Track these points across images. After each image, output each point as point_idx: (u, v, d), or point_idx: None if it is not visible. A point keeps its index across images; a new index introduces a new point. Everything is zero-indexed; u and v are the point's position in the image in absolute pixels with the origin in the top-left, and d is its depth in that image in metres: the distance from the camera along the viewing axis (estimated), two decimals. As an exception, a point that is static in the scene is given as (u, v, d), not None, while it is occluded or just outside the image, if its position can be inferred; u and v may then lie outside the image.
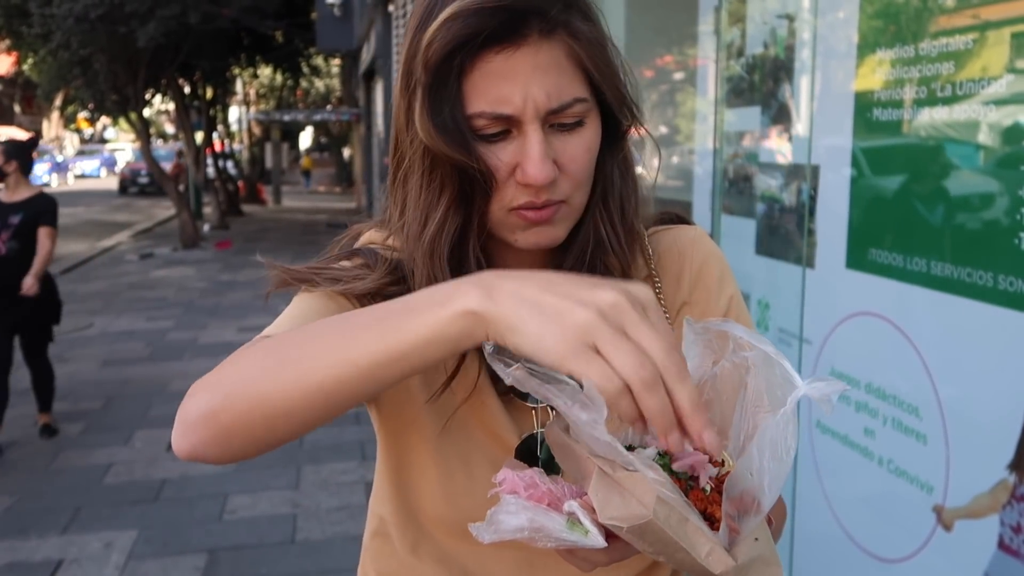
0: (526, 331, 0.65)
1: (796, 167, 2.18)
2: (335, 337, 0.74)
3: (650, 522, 0.64)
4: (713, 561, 0.65)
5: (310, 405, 0.73)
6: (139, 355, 7.57)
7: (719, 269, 1.04)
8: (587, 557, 0.72)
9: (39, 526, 4.21)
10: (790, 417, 0.64)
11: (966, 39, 1.57)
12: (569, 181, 0.87)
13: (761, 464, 0.65)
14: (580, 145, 0.87)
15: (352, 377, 0.72)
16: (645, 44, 3.67)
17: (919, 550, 1.71)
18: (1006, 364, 1.47)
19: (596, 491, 0.67)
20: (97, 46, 13.78)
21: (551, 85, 0.83)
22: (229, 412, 0.76)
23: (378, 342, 0.71)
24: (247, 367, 0.78)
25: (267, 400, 0.74)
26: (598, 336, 0.63)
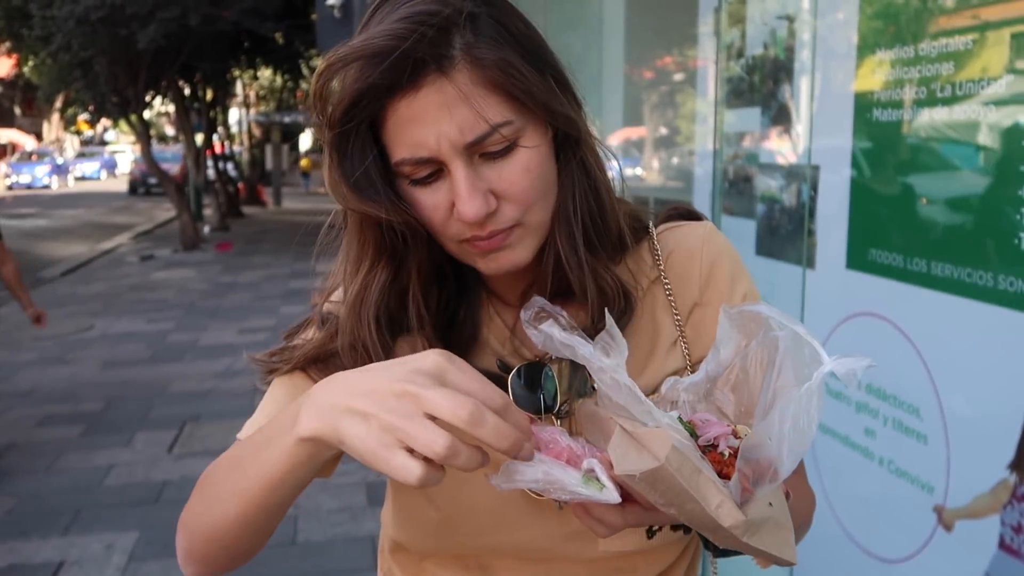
0: (349, 443, 0.70)
1: (796, 168, 2.18)
2: (232, 472, 0.83)
3: (662, 468, 0.64)
4: (723, 513, 0.65)
5: (244, 530, 0.83)
6: (140, 357, 7.58)
7: (731, 267, 1.01)
8: (603, 517, 0.73)
9: (40, 528, 4.21)
10: (815, 391, 0.64)
11: (966, 40, 1.57)
12: (513, 205, 0.84)
13: (781, 431, 0.65)
14: (516, 169, 0.83)
15: (255, 506, 0.80)
16: (645, 45, 3.67)
17: (920, 550, 1.71)
18: (1007, 364, 1.47)
19: (615, 447, 0.69)
20: (98, 48, 13.80)
21: (462, 119, 0.79)
22: (198, 549, 0.87)
23: (257, 477, 0.78)
24: (194, 506, 0.88)
25: (214, 533, 0.85)
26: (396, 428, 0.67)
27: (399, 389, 0.67)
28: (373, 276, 0.89)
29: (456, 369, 0.69)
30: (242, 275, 12.35)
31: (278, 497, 0.79)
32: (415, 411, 0.67)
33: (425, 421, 0.66)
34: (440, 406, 0.66)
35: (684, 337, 0.98)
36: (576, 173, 0.91)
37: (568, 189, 0.90)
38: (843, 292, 1.95)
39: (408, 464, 0.66)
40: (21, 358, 7.61)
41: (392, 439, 0.67)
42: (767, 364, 0.72)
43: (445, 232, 0.86)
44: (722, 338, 0.77)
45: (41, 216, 21.82)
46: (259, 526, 0.83)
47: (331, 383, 0.73)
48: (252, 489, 0.79)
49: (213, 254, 14.77)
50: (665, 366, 0.97)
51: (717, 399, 0.78)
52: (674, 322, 0.99)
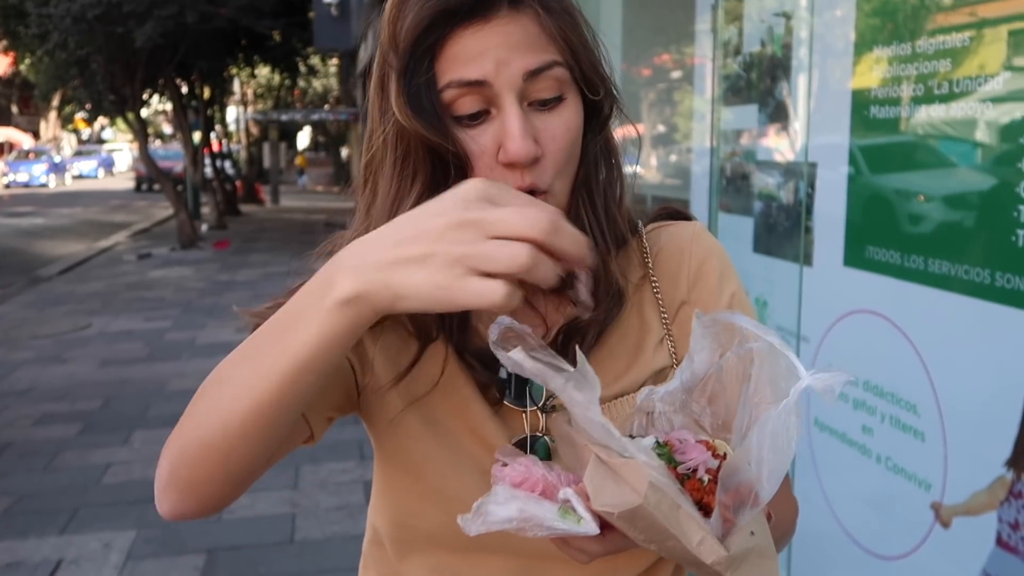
0: (407, 294, 0.65)
1: (794, 165, 2.18)
2: (245, 367, 0.74)
3: (641, 507, 0.63)
4: (704, 550, 0.64)
5: (247, 434, 0.74)
6: (137, 355, 7.57)
7: (719, 267, 1.01)
8: (582, 547, 0.72)
9: (38, 526, 4.20)
10: (792, 408, 0.63)
11: (963, 36, 1.57)
12: (551, 164, 0.85)
13: (760, 455, 0.63)
14: (560, 124, 0.85)
15: (272, 399, 0.72)
16: (642, 43, 3.67)
17: (917, 547, 1.72)
18: (1003, 361, 1.48)
19: (591, 478, 0.67)
20: (94, 46, 13.77)
21: (524, 52, 0.82)
22: (186, 465, 0.77)
23: (280, 359, 0.70)
24: (189, 416, 0.78)
25: (211, 443, 0.75)
26: (466, 256, 0.63)
27: (456, 220, 0.64)
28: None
29: (499, 189, 0.67)
30: (240, 273, 12.34)
31: (302, 385, 0.72)
32: (479, 236, 0.64)
33: (495, 241, 0.63)
34: (515, 222, 0.64)
35: (671, 335, 0.98)
36: (602, 148, 0.93)
37: (594, 162, 0.92)
38: (840, 289, 1.95)
39: (489, 285, 0.63)
40: (18, 356, 7.60)
41: (461, 269, 0.63)
42: (743, 376, 0.71)
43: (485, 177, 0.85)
44: (695, 347, 0.76)
45: (38, 214, 21.80)
46: (271, 427, 0.74)
47: (363, 242, 0.69)
48: (271, 375, 0.71)
49: (211, 252, 14.76)
50: (652, 364, 0.97)
51: (694, 411, 0.76)
52: (661, 320, 0.98)
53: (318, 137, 41.77)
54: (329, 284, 0.68)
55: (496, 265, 0.63)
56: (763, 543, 0.68)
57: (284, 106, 29.55)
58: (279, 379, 0.71)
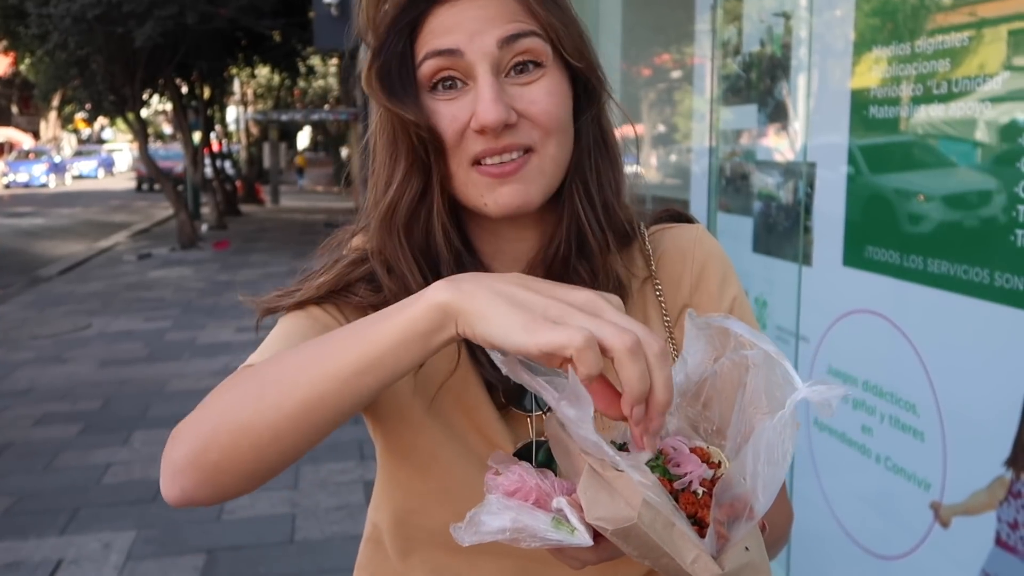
0: (494, 319, 0.66)
1: (793, 165, 2.18)
2: (312, 354, 0.73)
3: (635, 525, 0.63)
4: (699, 568, 0.64)
5: (295, 426, 0.72)
6: (137, 355, 7.57)
7: (721, 271, 1.00)
8: (576, 555, 0.72)
9: (38, 526, 4.20)
10: (788, 421, 0.62)
11: (962, 36, 1.57)
12: (533, 126, 0.86)
13: (755, 468, 0.63)
14: (541, 89, 0.85)
15: (332, 391, 0.71)
16: (642, 42, 3.67)
17: (916, 547, 1.72)
18: (1003, 361, 1.48)
19: (585, 489, 0.67)
20: (94, 46, 13.77)
21: (500, 22, 0.83)
22: (216, 448, 0.73)
23: (353, 350, 0.71)
24: (228, 399, 0.76)
25: (252, 428, 0.72)
26: (568, 318, 0.64)
27: (585, 296, 0.66)
28: (405, 187, 0.89)
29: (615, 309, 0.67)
30: (240, 273, 12.34)
31: (366, 381, 0.71)
32: (597, 312, 0.65)
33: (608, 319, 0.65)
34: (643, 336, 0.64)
35: (673, 338, 0.98)
36: (594, 130, 0.93)
37: (586, 145, 0.92)
38: (840, 289, 1.96)
39: (573, 335, 0.63)
40: (18, 357, 7.60)
41: (559, 318, 0.65)
42: (738, 383, 0.71)
43: (458, 148, 0.86)
44: (689, 348, 0.75)
45: (38, 215, 21.80)
46: (323, 422, 0.73)
47: (487, 276, 0.71)
48: (341, 367, 0.71)
49: (211, 252, 14.75)
50: None
51: (689, 415, 0.76)
52: (663, 323, 0.98)
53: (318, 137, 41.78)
54: (426, 291, 0.70)
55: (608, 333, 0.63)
56: (757, 558, 0.67)
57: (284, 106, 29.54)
58: (349, 368, 0.71)
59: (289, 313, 0.94)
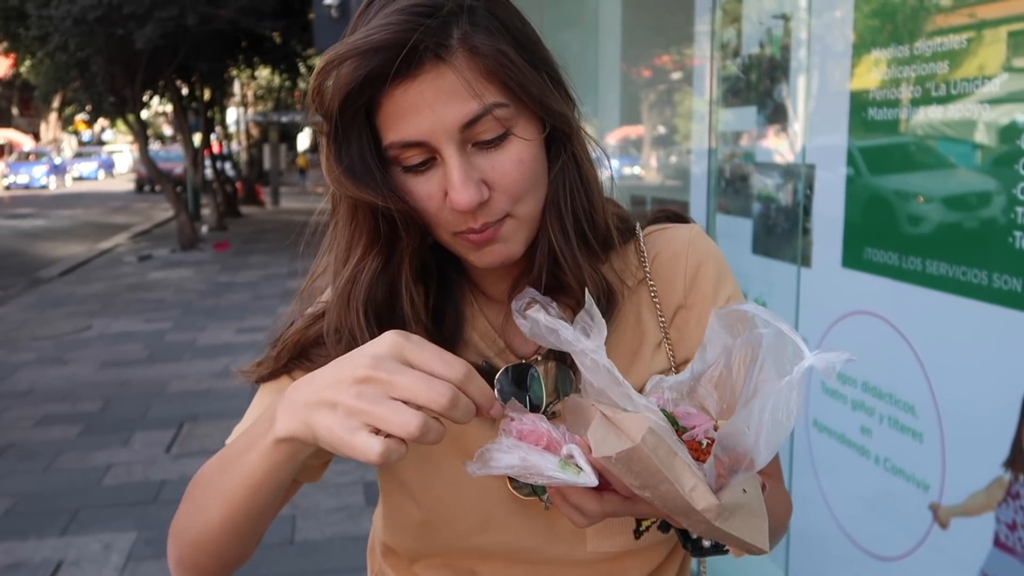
0: (319, 435, 0.71)
1: (792, 166, 2.18)
2: (216, 480, 0.84)
3: (638, 448, 0.65)
4: (697, 496, 0.66)
5: (229, 535, 0.84)
6: (138, 357, 7.57)
7: (716, 271, 1.00)
8: (580, 504, 0.74)
9: (38, 527, 4.21)
10: (795, 385, 0.65)
11: (962, 38, 1.57)
12: (505, 196, 0.85)
13: (760, 421, 0.65)
14: (509, 159, 0.84)
15: (239, 510, 0.82)
16: (642, 44, 3.68)
17: (915, 548, 1.72)
18: (1001, 362, 1.48)
19: (594, 431, 0.69)
20: (95, 48, 13.77)
21: (458, 104, 0.81)
22: (187, 559, 0.89)
23: (239, 480, 0.80)
24: (182, 514, 0.90)
25: (201, 544, 0.86)
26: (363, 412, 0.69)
27: (362, 375, 0.70)
28: (364, 264, 0.89)
29: (414, 346, 0.72)
30: (240, 275, 12.34)
31: (260, 500, 0.81)
32: (381, 394, 0.69)
33: (394, 403, 0.69)
34: (416, 392, 0.69)
35: (668, 339, 0.98)
36: (568, 169, 0.92)
37: (560, 184, 0.91)
38: (839, 290, 1.96)
39: (369, 442, 0.68)
40: (19, 358, 7.60)
41: (357, 422, 0.69)
42: (750, 361, 0.73)
43: (439, 223, 0.87)
44: (709, 339, 0.77)
45: (39, 216, 21.80)
46: (244, 531, 0.85)
47: (303, 381, 0.75)
48: (235, 493, 0.80)
49: (211, 254, 14.76)
50: (651, 367, 0.97)
51: (700, 395, 0.78)
52: (659, 324, 0.99)
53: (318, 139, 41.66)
54: (272, 420, 0.76)
55: (388, 428, 0.68)
56: (755, 502, 0.69)
57: (284, 108, 29.53)
58: (241, 494, 0.80)
59: (264, 385, 0.99)
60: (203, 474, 0.88)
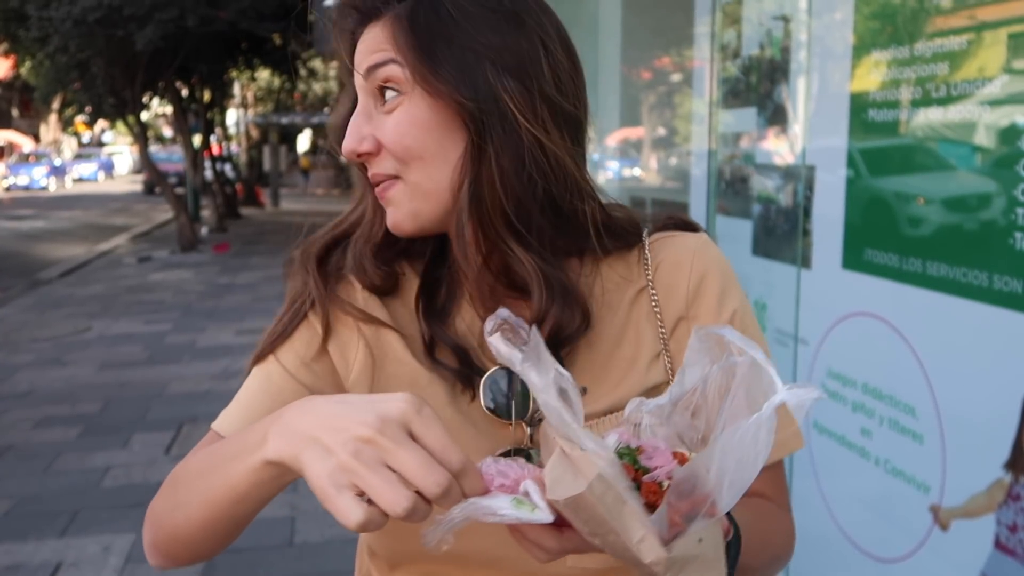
0: (306, 473, 0.69)
1: (792, 168, 2.18)
2: (200, 481, 0.83)
3: (583, 496, 0.62)
4: (645, 548, 0.63)
5: (207, 535, 0.85)
6: (137, 358, 7.57)
7: (721, 283, 0.96)
8: (539, 541, 0.71)
9: (37, 529, 4.20)
10: (764, 422, 0.61)
11: (962, 40, 1.57)
12: (390, 156, 0.89)
13: (723, 464, 0.61)
14: (397, 120, 0.88)
15: (220, 515, 0.81)
16: (642, 45, 3.68)
17: (916, 550, 1.72)
18: (1002, 364, 1.48)
19: (551, 469, 0.66)
20: (95, 49, 13.77)
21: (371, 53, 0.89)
22: (162, 544, 0.89)
23: (222, 488, 0.79)
24: (162, 503, 0.89)
25: (178, 537, 0.87)
26: (356, 474, 0.66)
27: (365, 435, 0.67)
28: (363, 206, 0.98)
29: (423, 421, 0.69)
30: (240, 276, 12.34)
31: (243, 509, 0.80)
32: (379, 460, 0.67)
33: (388, 474, 0.66)
34: (414, 472, 0.66)
35: (668, 351, 0.95)
36: (500, 156, 0.86)
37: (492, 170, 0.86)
38: (839, 292, 1.96)
39: (351, 506, 0.66)
40: (18, 359, 7.60)
41: (346, 480, 0.67)
42: (725, 391, 0.69)
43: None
44: (689, 360, 0.73)
45: (39, 217, 21.81)
46: (224, 533, 0.85)
47: (304, 408, 0.73)
48: (217, 500, 0.80)
49: (211, 255, 14.75)
50: (646, 380, 0.94)
51: (676, 424, 0.74)
52: (658, 335, 0.96)
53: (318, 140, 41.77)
54: (264, 438, 0.74)
55: (376, 498, 0.66)
56: (711, 553, 0.66)
57: (284, 109, 29.55)
58: (224, 502, 0.80)
59: (254, 367, 0.98)
60: (188, 468, 0.87)
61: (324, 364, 0.97)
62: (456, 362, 0.94)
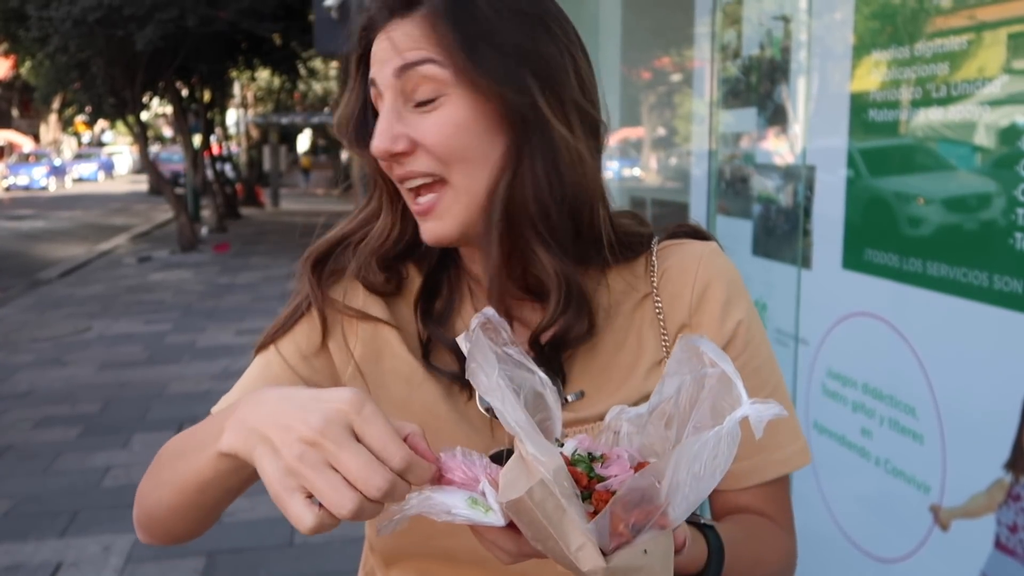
0: (260, 472, 0.70)
1: (792, 168, 2.18)
2: (173, 465, 0.85)
3: (522, 500, 0.62)
4: (582, 556, 0.62)
5: (178, 519, 0.86)
6: (137, 358, 7.57)
7: (726, 292, 0.95)
8: (496, 541, 0.71)
9: (37, 529, 4.20)
10: (724, 436, 0.60)
11: (962, 40, 1.57)
12: (430, 156, 0.86)
13: (676, 477, 0.60)
14: (436, 121, 0.85)
15: (187, 502, 0.83)
16: (642, 45, 3.68)
17: (916, 550, 1.72)
18: (1002, 363, 1.48)
19: (507, 471, 0.66)
20: (95, 49, 13.78)
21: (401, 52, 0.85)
22: (143, 522, 0.92)
23: (190, 475, 0.80)
24: (145, 484, 0.91)
25: (154, 516, 0.89)
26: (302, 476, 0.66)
27: (308, 436, 0.67)
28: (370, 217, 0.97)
29: (364, 421, 0.68)
30: (240, 276, 12.34)
31: (208, 498, 0.82)
32: (322, 463, 0.66)
33: (332, 476, 0.66)
34: (355, 474, 0.66)
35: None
36: (534, 159, 0.87)
37: (525, 169, 0.87)
38: (839, 292, 1.96)
39: (301, 511, 0.66)
40: (18, 359, 7.60)
41: (295, 483, 0.67)
42: (695, 402, 0.68)
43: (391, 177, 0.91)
44: (670, 369, 0.73)
45: (39, 217, 21.81)
46: (193, 517, 0.86)
47: (257, 402, 0.73)
48: (185, 486, 0.81)
49: (211, 255, 14.75)
50: (643, 387, 0.93)
51: (650, 433, 0.74)
52: (660, 342, 0.95)
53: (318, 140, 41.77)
54: (221, 430, 0.74)
55: (323, 500, 0.66)
56: (657, 565, 0.65)
57: (284, 109, 29.56)
58: (190, 489, 0.81)
59: (257, 354, 1.00)
60: (170, 448, 0.89)
61: (323, 359, 0.97)
62: (454, 362, 0.94)
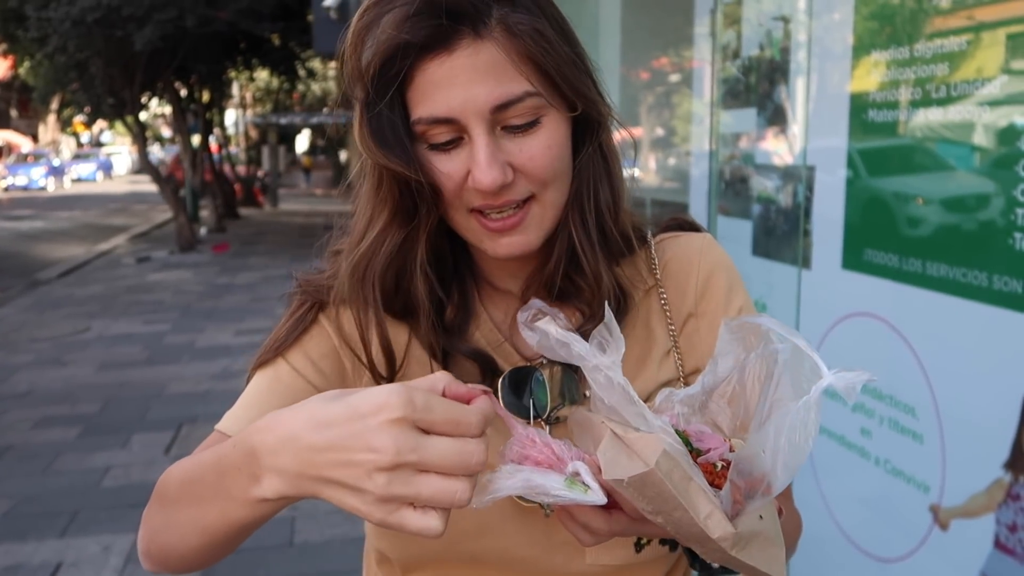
0: (345, 507, 0.66)
1: (792, 168, 2.19)
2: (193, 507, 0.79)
3: (651, 472, 0.63)
4: (712, 524, 0.63)
5: (204, 556, 0.82)
6: (136, 358, 7.57)
7: (727, 280, 1.00)
8: (588, 523, 0.72)
9: (37, 529, 4.20)
10: (812, 405, 0.62)
11: (961, 40, 1.57)
12: (530, 181, 0.85)
13: (776, 444, 0.63)
14: (538, 144, 0.83)
15: (219, 541, 0.79)
16: (641, 46, 3.68)
17: (916, 549, 1.72)
18: (1001, 363, 1.48)
19: (604, 451, 0.67)
20: (93, 50, 13.77)
21: (493, 84, 0.80)
22: (155, 555, 0.87)
23: (217, 521, 0.76)
24: (155, 517, 0.86)
25: (172, 552, 0.84)
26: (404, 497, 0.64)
27: (388, 463, 0.63)
28: (385, 238, 0.89)
29: (422, 412, 0.65)
30: (239, 276, 12.34)
31: (244, 535, 0.79)
32: (412, 476, 0.64)
33: (429, 481, 0.64)
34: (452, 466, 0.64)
35: (677, 348, 0.98)
36: (595, 160, 0.91)
37: (585, 174, 0.90)
38: (839, 292, 1.96)
39: (422, 524, 0.64)
40: (18, 360, 7.59)
41: (395, 506, 0.64)
42: (765, 377, 0.70)
43: (457, 200, 0.85)
44: (721, 350, 0.75)
45: (38, 218, 21.79)
46: (220, 554, 0.83)
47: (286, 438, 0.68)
48: (215, 530, 0.77)
49: (209, 255, 14.75)
50: (657, 376, 0.96)
51: (712, 412, 0.76)
52: (668, 332, 0.98)
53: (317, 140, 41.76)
54: (253, 477, 0.70)
55: (435, 506, 0.65)
56: (771, 530, 0.67)
57: (283, 109, 29.55)
58: (222, 532, 0.77)
59: (257, 371, 0.97)
60: (177, 477, 0.84)
61: (331, 362, 0.97)
62: (476, 368, 0.94)
